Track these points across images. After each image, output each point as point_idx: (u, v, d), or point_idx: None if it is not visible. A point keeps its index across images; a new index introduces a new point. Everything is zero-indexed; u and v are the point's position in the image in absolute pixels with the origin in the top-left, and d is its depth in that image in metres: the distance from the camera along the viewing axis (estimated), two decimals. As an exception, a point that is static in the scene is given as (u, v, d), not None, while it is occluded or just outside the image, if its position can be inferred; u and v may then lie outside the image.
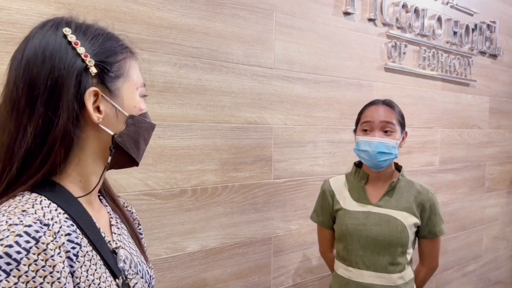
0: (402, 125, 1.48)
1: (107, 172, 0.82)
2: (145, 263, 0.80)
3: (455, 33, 2.61)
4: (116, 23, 1.31)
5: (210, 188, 1.57)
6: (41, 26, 0.66)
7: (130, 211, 0.88)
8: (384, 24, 2.17)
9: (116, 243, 0.72)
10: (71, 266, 0.59)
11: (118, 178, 1.34)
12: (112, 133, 0.69)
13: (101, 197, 0.80)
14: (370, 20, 2.11)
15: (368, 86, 2.12)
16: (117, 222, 0.79)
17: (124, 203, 0.87)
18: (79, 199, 0.68)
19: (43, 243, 0.55)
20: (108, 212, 0.78)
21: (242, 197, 1.67)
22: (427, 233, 1.49)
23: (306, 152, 1.89)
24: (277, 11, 1.73)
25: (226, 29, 1.57)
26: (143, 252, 0.83)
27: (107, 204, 0.80)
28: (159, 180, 1.44)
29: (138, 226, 0.89)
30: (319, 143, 1.93)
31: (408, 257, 1.46)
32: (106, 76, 0.67)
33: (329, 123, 1.97)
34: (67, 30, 0.65)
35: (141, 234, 0.89)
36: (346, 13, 1.99)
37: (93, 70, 0.65)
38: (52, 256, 0.55)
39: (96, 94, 0.66)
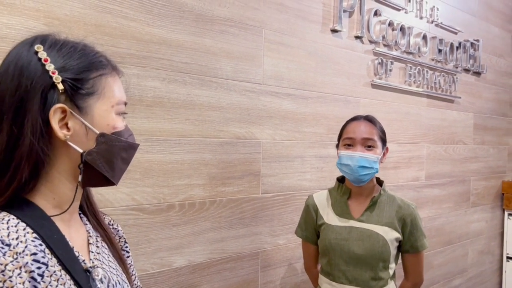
0: (383, 140, 1.50)
1: (93, 188, 0.81)
2: (127, 282, 0.79)
3: (440, 50, 2.67)
4: (106, 38, 1.32)
5: (198, 203, 1.57)
6: (20, 43, 0.67)
7: (116, 229, 0.87)
8: (371, 42, 2.22)
9: (92, 262, 0.71)
10: (35, 287, 0.58)
11: (105, 193, 1.33)
12: (81, 150, 0.67)
13: (81, 215, 0.79)
14: (357, 37, 2.15)
15: (355, 102, 2.15)
16: (96, 241, 0.77)
17: (110, 221, 0.86)
18: (53, 217, 0.67)
19: (1, 264, 0.55)
20: (87, 231, 0.77)
21: (230, 212, 1.67)
22: (409, 247, 1.50)
23: (294, 167, 1.90)
24: (266, 28, 1.75)
25: (215, 45, 1.59)
26: (126, 270, 0.81)
27: (87, 222, 0.79)
28: (147, 195, 1.43)
29: (124, 244, 0.88)
30: (307, 158, 1.95)
31: (391, 271, 1.48)
32: (76, 93, 0.66)
33: (317, 138, 1.98)
34: (39, 47, 0.65)
35: (128, 252, 0.88)
36: (334, 31, 2.03)
37: (60, 87, 0.64)
38: (10, 277, 0.55)
39: (64, 111, 0.65)
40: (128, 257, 0.87)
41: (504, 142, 3.40)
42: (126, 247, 0.88)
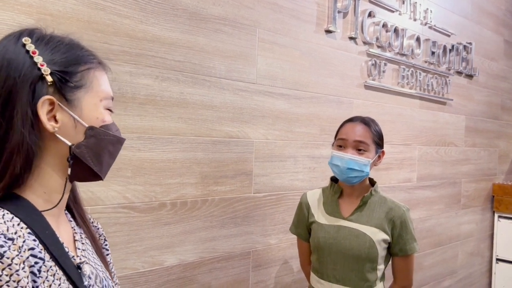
0: (378, 144, 1.50)
1: (80, 185, 0.80)
2: (110, 278, 0.79)
3: (433, 53, 2.68)
4: (99, 35, 1.31)
5: (189, 202, 1.57)
6: (6, 36, 0.67)
7: (96, 226, 0.87)
8: (365, 43, 2.22)
9: (80, 259, 0.71)
10: (34, 281, 0.58)
11: (96, 191, 1.32)
12: (69, 143, 0.67)
13: (66, 212, 0.78)
14: (351, 38, 2.15)
15: (348, 103, 2.15)
16: (81, 238, 0.77)
17: (90, 218, 0.86)
18: (43, 213, 0.66)
19: (7, 258, 0.54)
20: (72, 227, 0.77)
21: (222, 211, 1.67)
22: (398, 250, 1.48)
23: (286, 167, 1.90)
24: (260, 28, 1.75)
25: (209, 43, 1.59)
26: (107, 268, 0.81)
27: (71, 219, 0.79)
28: (138, 193, 1.43)
29: (104, 242, 0.88)
30: (299, 158, 1.95)
31: (379, 273, 1.47)
32: (64, 86, 0.66)
33: (310, 139, 1.99)
34: (26, 39, 0.65)
35: (107, 250, 0.88)
36: (328, 31, 2.03)
37: (49, 79, 0.64)
38: (17, 271, 0.55)
39: (52, 103, 0.65)
40: (107, 255, 0.87)
41: (495, 144, 3.43)
42: (106, 245, 0.88)
